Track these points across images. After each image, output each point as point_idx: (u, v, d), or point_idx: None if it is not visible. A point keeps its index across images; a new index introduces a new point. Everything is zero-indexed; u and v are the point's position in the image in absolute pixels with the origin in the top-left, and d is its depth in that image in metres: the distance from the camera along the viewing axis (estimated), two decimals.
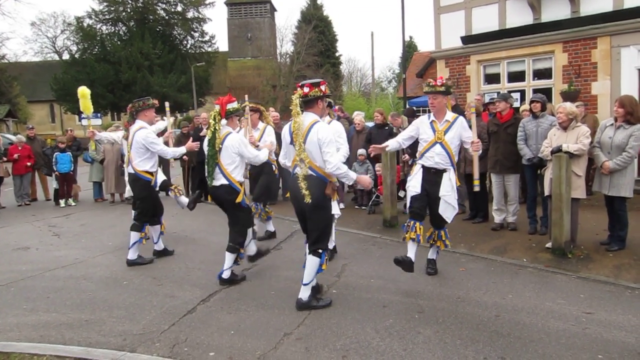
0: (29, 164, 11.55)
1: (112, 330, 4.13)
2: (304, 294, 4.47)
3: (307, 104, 4.38)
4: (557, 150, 5.85)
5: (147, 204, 6.18)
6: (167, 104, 6.89)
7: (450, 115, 5.05)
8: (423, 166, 5.06)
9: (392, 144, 5.29)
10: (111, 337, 3.99)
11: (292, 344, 3.78)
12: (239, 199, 5.14)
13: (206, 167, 5.09)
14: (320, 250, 4.40)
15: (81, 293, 5.12)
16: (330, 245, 5.52)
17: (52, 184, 11.82)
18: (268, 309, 4.51)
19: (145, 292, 5.10)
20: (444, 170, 4.98)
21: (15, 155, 11.36)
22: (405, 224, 5.09)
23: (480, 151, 5.17)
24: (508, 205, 7.25)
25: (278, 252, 6.53)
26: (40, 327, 4.25)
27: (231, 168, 5.11)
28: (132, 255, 6.08)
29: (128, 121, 6.02)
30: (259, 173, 6.85)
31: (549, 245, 6.03)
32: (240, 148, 5.09)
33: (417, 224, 4.97)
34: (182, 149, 6.39)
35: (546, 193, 6.21)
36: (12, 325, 4.34)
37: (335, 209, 4.97)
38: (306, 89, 4.33)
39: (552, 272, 5.35)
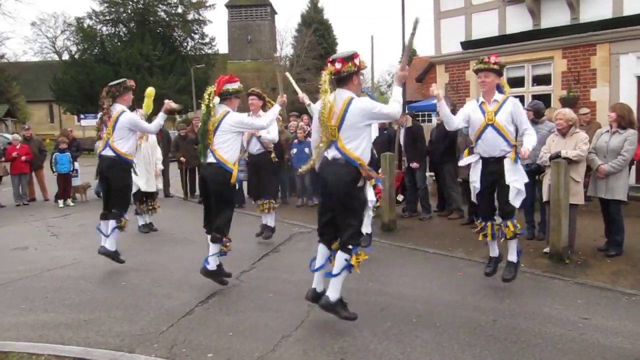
0: (23, 158, 11.40)
1: (110, 331, 4.13)
2: (333, 294, 4.01)
3: (341, 81, 3.96)
4: (556, 156, 5.88)
5: (128, 192, 6.16)
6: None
7: (499, 96, 4.78)
8: (481, 157, 4.85)
9: (456, 119, 4.93)
10: (109, 338, 3.99)
11: (290, 346, 3.79)
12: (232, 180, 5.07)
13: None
14: (350, 247, 3.95)
15: (80, 293, 5.12)
16: (368, 230, 5.10)
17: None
18: (266, 311, 4.51)
19: (144, 293, 5.11)
20: (503, 157, 4.72)
21: (14, 154, 11.32)
22: (478, 224, 5.04)
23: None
24: None
25: (276, 255, 6.54)
26: (38, 327, 4.25)
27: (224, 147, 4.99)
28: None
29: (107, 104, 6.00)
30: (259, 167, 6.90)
31: (546, 250, 6.06)
32: (240, 120, 5.09)
33: (489, 223, 4.90)
34: (160, 120, 6.11)
35: (544, 199, 6.23)
36: (11, 324, 4.34)
37: (371, 194, 4.29)
38: (338, 65, 3.89)
39: (549, 277, 5.37)
